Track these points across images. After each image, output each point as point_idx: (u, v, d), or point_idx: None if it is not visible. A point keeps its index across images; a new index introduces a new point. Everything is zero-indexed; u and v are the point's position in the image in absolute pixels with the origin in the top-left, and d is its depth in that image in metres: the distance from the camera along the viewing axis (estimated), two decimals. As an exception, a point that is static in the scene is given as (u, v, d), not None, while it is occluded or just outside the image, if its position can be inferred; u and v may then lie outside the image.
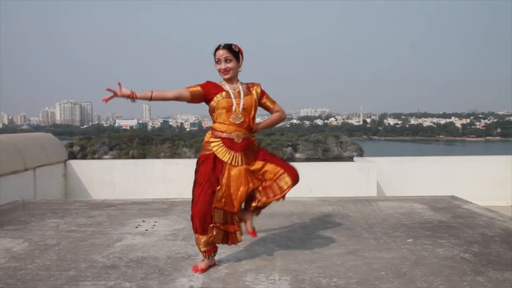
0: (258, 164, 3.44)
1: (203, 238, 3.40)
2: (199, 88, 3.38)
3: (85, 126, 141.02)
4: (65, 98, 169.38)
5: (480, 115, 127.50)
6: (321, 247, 3.95)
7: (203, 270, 3.39)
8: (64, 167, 8.54)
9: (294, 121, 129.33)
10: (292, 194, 6.96)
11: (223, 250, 3.85)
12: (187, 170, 8.56)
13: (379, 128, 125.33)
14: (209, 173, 3.36)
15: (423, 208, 5.57)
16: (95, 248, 3.96)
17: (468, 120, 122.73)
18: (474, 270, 3.34)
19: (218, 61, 3.39)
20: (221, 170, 3.35)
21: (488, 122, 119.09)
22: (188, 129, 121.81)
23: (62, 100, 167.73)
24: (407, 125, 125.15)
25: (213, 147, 3.38)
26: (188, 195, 8.10)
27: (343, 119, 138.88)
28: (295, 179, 3.47)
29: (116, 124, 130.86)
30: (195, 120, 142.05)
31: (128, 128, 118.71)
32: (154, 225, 4.78)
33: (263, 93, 3.53)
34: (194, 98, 3.37)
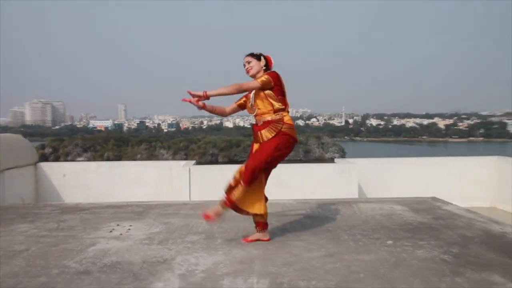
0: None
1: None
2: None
3: (57, 127, 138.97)
4: (36, 98, 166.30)
5: (463, 116, 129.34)
6: (300, 250, 3.99)
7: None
8: (35, 169, 8.44)
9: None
10: (271, 196, 7.01)
11: (200, 254, 3.88)
12: (164, 172, 8.60)
13: (362, 129, 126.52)
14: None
15: (404, 209, 5.66)
16: (67, 253, 3.93)
17: (451, 121, 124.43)
18: (453, 271, 3.42)
19: (244, 66, 4.22)
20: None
21: (471, 122, 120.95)
22: (165, 130, 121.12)
23: (32, 100, 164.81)
24: (390, 126, 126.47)
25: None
26: (165, 198, 8.09)
27: (325, 119, 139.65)
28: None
29: (90, 125, 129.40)
30: (173, 120, 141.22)
31: (103, 129, 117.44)
32: (129, 229, 4.76)
33: (262, 75, 4.14)
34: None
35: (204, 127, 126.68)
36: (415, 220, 5.11)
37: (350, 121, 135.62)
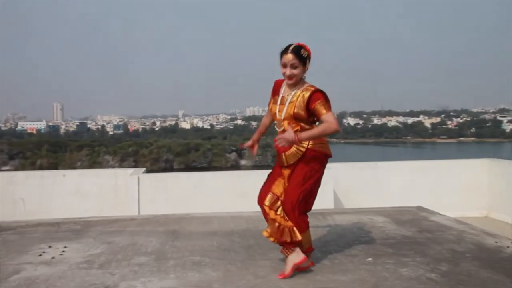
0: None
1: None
2: (271, 97, 4.09)
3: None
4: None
5: (452, 113, 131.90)
6: (267, 270, 3.97)
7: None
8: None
9: (239, 122, 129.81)
10: (233, 208, 6.99)
11: (149, 278, 3.80)
12: (108, 182, 8.45)
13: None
14: (274, 172, 4.09)
15: (385, 221, 5.71)
16: (-14, 283, 3.79)
17: (438, 119, 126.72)
18: (441, 291, 3.45)
19: (284, 65, 3.82)
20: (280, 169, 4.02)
21: (461, 121, 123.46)
22: (111, 133, 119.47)
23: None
24: (370, 125, 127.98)
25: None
26: (108, 212, 7.95)
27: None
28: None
29: (19, 127, 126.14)
30: (120, 121, 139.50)
31: (34, 132, 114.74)
32: (63, 251, 4.63)
33: (314, 98, 3.78)
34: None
35: (157, 128, 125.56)
36: (398, 233, 5.15)
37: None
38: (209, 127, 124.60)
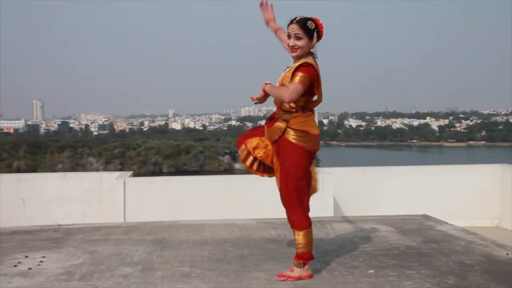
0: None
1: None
2: None
3: None
4: None
5: (461, 115, 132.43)
6: (261, 282, 3.96)
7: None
8: None
9: (233, 122, 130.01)
10: (226, 215, 6.99)
11: (134, 291, 3.79)
12: (92, 187, 8.40)
13: (339, 131, 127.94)
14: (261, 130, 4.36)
15: (389, 230, 5.72)
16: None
17: (446, 121, 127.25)
18: (448, 306, 3.45)
19: (288, 36, 3.90)
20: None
21: (470, 123, 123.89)
22: (95, 133, 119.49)
23: None
24: (373, 128, 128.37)
25: None
26: (92, 219, 7.93)
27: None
28: None
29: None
30: (105, 121, 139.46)
31: (11, 131, 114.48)
32: (41, 262, 4.61)
33: (298, 71, 3.78)
34: None
35: (145, 129, 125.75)
36: (402, 243, 5.15)
37: (325, 121, 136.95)
38: (201, 128, 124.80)
